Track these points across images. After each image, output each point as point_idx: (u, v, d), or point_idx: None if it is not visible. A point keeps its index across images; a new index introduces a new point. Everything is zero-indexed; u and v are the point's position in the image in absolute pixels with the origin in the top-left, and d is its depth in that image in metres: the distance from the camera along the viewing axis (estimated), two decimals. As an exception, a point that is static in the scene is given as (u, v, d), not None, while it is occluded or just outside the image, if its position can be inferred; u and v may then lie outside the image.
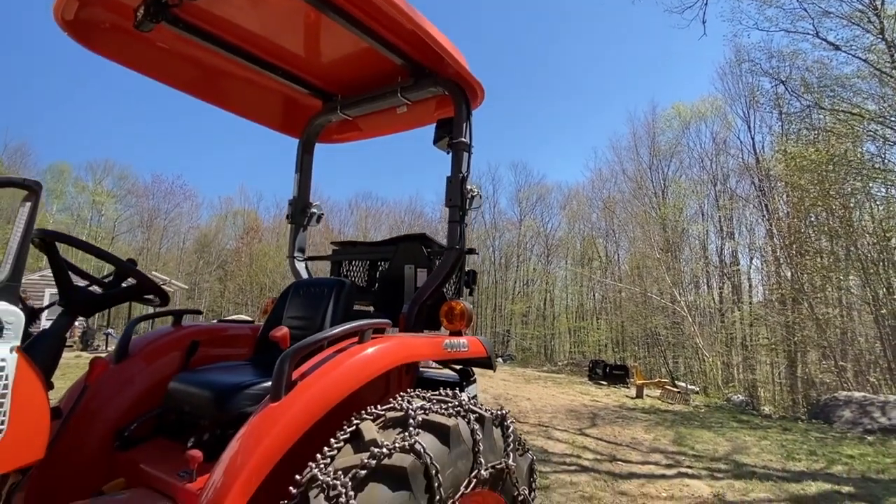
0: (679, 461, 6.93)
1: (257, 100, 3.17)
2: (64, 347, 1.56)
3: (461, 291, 2.85)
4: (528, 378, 20.40)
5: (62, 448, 1.94)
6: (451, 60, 2.48)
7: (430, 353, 2.20)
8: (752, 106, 25.97)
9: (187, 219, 47.40)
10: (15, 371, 1.02)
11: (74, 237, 1.72)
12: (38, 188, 1.03)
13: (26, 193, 1.02)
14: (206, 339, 2.55)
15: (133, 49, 2.51)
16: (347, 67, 2.91)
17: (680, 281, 28.11)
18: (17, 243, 0.98)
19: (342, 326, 1.88)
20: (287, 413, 1.60)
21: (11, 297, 1.00)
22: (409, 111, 3.02)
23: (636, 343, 35.00)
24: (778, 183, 21.72)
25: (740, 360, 24.77)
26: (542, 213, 46.63)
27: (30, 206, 1.00)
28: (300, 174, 3.29)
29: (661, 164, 33.99)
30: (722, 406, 15.26)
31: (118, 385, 2.20)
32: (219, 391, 1.93)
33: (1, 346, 0.98)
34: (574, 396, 14.42)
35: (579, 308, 43.43)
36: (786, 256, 19.52)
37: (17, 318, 1.00)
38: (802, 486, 5.94)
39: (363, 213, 47.87)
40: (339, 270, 3.23)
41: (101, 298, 1.70)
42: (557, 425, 9.31)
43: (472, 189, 2.53)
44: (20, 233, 0.98)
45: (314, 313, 2.43)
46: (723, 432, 9.44)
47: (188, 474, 1.72)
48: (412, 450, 1.58)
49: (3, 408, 0.99)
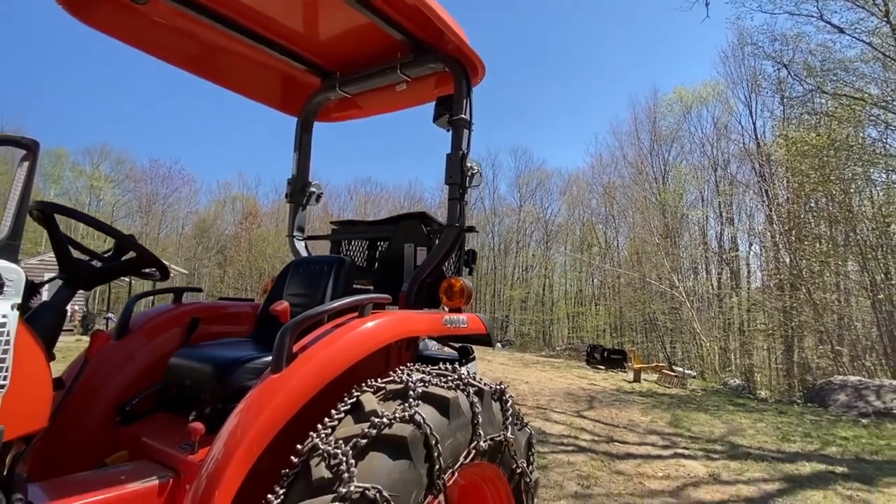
0: (675, 442, 7.01)
1: (255, 77, 3.14)
2: (65, 320, 1.56)
3: (461, 270, 2.84)
4: (527, 362, 20.55)
5: (65, 421, 1.95)
6: (451, 35, 2.45)
7: (430, 328, 2.21)
8: (753, 90, 25.86)
9: (186, 204, 47.36)
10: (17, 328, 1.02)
11: (74, 209, 1.72)
12: (36, 147, 1.03)
13: (24, 153, 1.01)
14: (206, 316, 2.56)
15: (129, 23, 2.47)
16: (346, 44, 2.87)
17: (679, 266, 28.18)
18: (17, 202, 0.98)
19: (343, 300, 1.89)
20: (287, 384, 1.61)
21: (12, 255, 1.00)
22: (409, 88, 2.99)
23: (634, 328, 35.21)
24: (778, 168, 21.65)
25: (737, 346, 24.96)
26: (541, 198, 46.60)
27: (28, 165, 1.00)
28: (299, 153, 3.27)
29: (661, 149, 33.90)
30: (718, 390, 15.40)
31: (119, 361, 2.21)
32: (220, 365, 1.94)
33: (2, 302, 0.98)
34: (572, 380, 14.54)
35: (578, 294, 43.59)
36: (785, 242, 19.55)
37: (17, 275, 1.00)
38: (797, 466, 6.02)
39: (362, 199, 47.82)
40: (338, 250, 3.23)
41: (101, 272, 1.70)
42: (555, 408, 9.39)
43: (472, 166, 2.52)
44: (19, 192, 0.98)
45: (314, 290, 2.43)
46: (719, 415, 9.54)
47: (190, 446, 1.74)
48: (412, 420, 1.59)
49: (5, 363, 1.00)
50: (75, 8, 2.26)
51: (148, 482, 1.63)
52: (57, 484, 1.62)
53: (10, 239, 0.99)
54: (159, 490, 1.65)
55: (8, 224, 0.99)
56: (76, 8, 2.26)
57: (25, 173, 1.01)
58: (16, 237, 1.00)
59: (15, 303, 0.99)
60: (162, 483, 1.65)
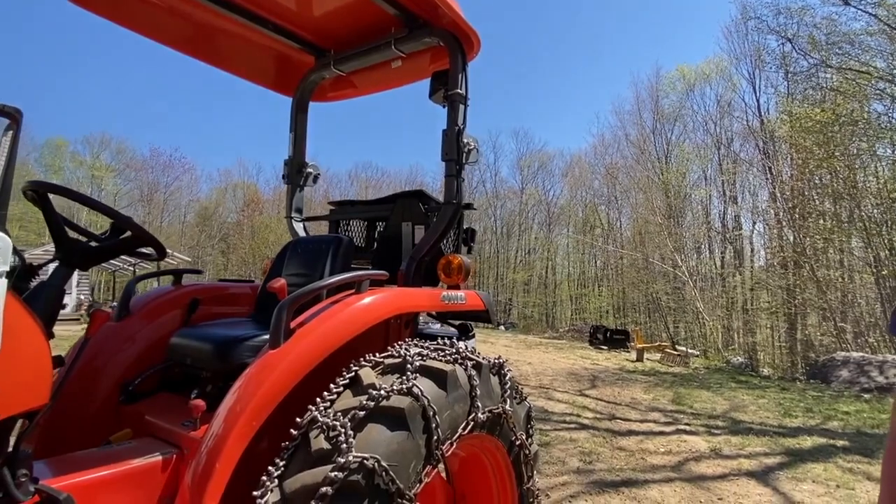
0: (677, 419, 7.07)
1: (249, 57, 3.10)
2: (63, 298, 1.57)
3: (460, 248, 2.84)
4: (530, 344, 20.68)
5: (69, 400, 1.98)
6: (445, 9, 2.41)
7: (428, 304, 2.22)
8: (757, 66, 25.49)
9: (187, 192, 47.37)
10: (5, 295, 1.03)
11: (68, 188, 1.71)
12: (19, 115, 1.02)
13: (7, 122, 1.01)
14: (206, 297, 2.57)
15: (122, 4, 2.45)
16: (340, 20, 2.83)
17: (682, 246, 28.11)
18: (2, 173, 0.98)
19: (339, 276, 1.90)
20: (285, 359, 1.63)
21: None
22: (405, 65, 2.96)
23: (637, 309, 35.28)
24: (782, 145, 21.45)
25: (741, 324, 25.00)
26: (543, 180, 46.37)
27: (11, 135, 1.00)
28: (295, 133, 3.25)
29: (664, 128, 33.59)
30: (721, 368, 15.48)
31: (121, 341, 2.23)
32: (220, 343, 1.96)
33: None
34: (575, 360, 14.63)
35: (581, 276, 43.60)
36: (788, 219, 19.44)
37: (4, 244, 1.01)
38: (798, 440, 6.07)
39: (363, 184, 47.67)
40: (337, 231, 3.23)
41: (98, 251, 1.70)
42: (558, 387, 9.47)
43: (469, 142, 2.50)
44: (3, 161, 0.98)
45: (312, 269, 2.43)
46: (721, 392, 9.61)
47: (192, 423, 1.76)
48: (410, 392, 1.61)
49: None
50: (65, -12, 2.23)
51: (151, 459, 1.66)
52: (62, 460, 1.64)
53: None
54: (163, 466, 1.67)
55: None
56: (67, -12, 2.23)
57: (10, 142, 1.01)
58: (2, 206, 1.01)
59: (3, 270, 1.00)
60: (165, 459, 1.68)
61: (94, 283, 32.79)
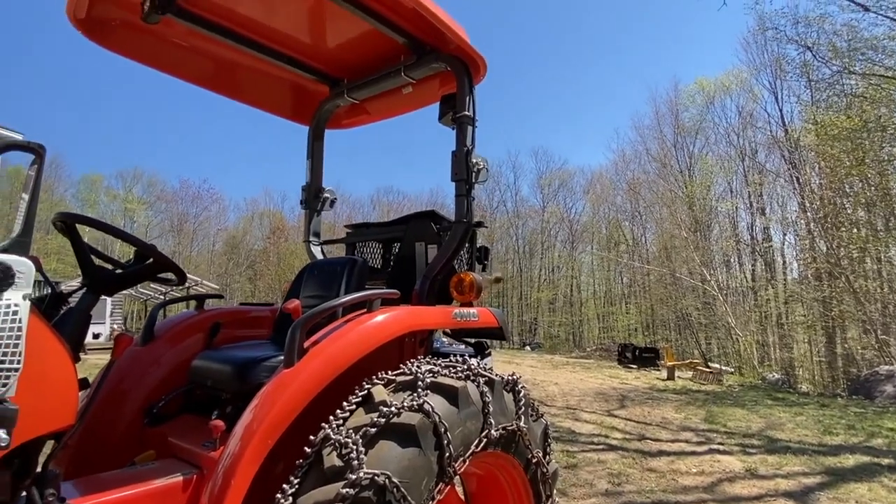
0: (710, 438, 6.84)
1: (266, 89, 3.24)
2: (89, 323, 1.65)
3: (473, 267, 2.86)
4: (556, 364, 20.34)
5: (95, 422, 2.05)
6: (451, 35, 2.49)
7: (439, 321, 2.24)
8: (778, 76, 25.17)
9: (215, 221, 48.74)
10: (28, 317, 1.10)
11: (93, 218, 1.81)
12: (43, 150, 1.11)
13: (33, 157, 1.10)
14: (227, 320, 2.64)
15: (144, 44, 2.59)
16: (352, 51, 2.94)
17: (710, 260, 27.49)
18: (27, 203, 1.06)
19: (351, 295, 1.94)
20: (298, 378, 1.66)
21: (23, 250, 1.09)
22: (415, 91, 3.04)
23: (667, 326, 34.47)
24: (809, 154, 20.96)
25: (776, 339, 24.15)
26: (564, 198, 46.23)
27: (36, 168, 1.08)
28: (312, 160, 3.35)
29: (685, 141, 33.21)
30: (756, 385, 14.94)
31: (146, 365, 2.30)
32: (238, 364, 2.01)
33: (13, 292, 1.07)
34: (603, 380, 14.32)
35: (607, 293, 42.96)
36: (820, 230, 18.87)
37: (27, 268, 1.08)
38: (839, 459, 5.80)
39: (385, 208, 48.21)
40: (353, 253, 3.29)
41: (122, 277, 1.79)
42: (585, 408, 9.27)
43: (478, 162, 2.54)
44: (29, 193, 1.07)
45: (328, 290, 2.49)
46: (756, 409, 9.26)
47: (212, 443, 1.81)
48: (420, 409, 1.62)
49: (18, 348, 1.08)
50: (94, 33, 2.38)
51: (173, 479, 1.70)
52: (88, 481, 1.70)
53: (21, 236, 1.08)
54: (183, 486, 1.72)
55: (20, 222, 1.08)
56: (95, 33, 2.38)
57: (35, 176, 1.09)
58: (26, 234, 1.09)
59: (25, 293, 1.08)
60: (186, 479, 1.72)
61: (127, 313, 33.74)
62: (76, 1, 2.18)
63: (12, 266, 1.03)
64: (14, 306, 1.05)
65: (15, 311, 1.05)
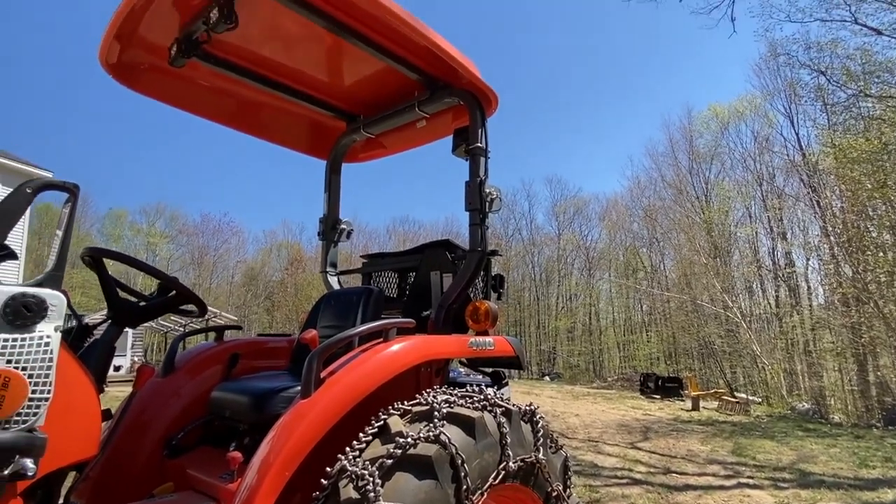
0: (739, 472, 6.58)
1: (286, 126, 3.36)
2: (113, 355, 1.69)
3: (489, 295, 2.87)
4: (577, 395, 19.90)
5: (115, 453, 2.07)
6: (463, 71, 2.57)
7: (455, 350, 2.24)
8: (793, 100, 25.06)
9: (235, 254, 49.55)
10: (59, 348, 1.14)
11: (119, 252, 1.88)
12: (77, 189, 1.17)
13: (67, 196, 1.16)
14: (246, 351, 2.68)
15: (170, 86, 2.72)
16: (368, 88, 3.04)
17: (731, 287, 26.91)
18: (61, 239, 1.12)
19: (366, 325, 1.96)
20: (315, 409, 1.67)
21: (56, 284, 1.14)
22: (429, 124, 3.13)
23: (690, 355, 33.61)
24: (829, 177, 20.67)
25: (804, 367, 23.34)
26: (580, 225, 46.05)
27: (70, 206, 1.15)
28: (329, 193, 3.44)
29: (701, 167, 33.02)
30: (786, 416, 14.39)
31: (166, 397, 2.33)
32: (256, 395, 2.03)
33: (46, 324, 1.11)
34: (625, 411, 13.95)
35: (627, 321, 42.19)
36: (844, 254, 18.43)
37: (59, 301, 1.13)
38: (878, 493, 5.52)
39: (401, 238, 48.47)
40: (370, 282, 3.33)
41: (145, 310, 1.84)
42: (608, 440, 9.02)
43: (491, 192, 2.58)
44: (63, 229, 1.12)
45: (344, 320, 2.51)
46: (787, 441, 8.91)
47: (229, 475, 1.81)
48: (437, 440, 1.61)
49: (49, 378, 1.12)
50: (124, 76, 2.52)
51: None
52: None
53: (54, 270, 1.13)
54: (201, 518, 1.72)
55: (54, 257, 1.14)
56: (124, 76, 2.52)
57: (69, 213, 1.15)
58: (59, 269, 1.14)
59: (57, 325, 1.12)
60: None
61: (147, 345, 34.12)
62: (108, 48, 2.31)
63: (46, 299, 1.08)
64: (46, 338, 1.10)
65: (47, 343, 1.10)
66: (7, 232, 1.08)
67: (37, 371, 1.09)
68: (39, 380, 1.10)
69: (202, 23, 2.11)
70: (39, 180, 1.14)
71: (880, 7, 13.47)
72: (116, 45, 2.31)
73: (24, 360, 1.07)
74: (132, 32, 2.29)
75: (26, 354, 1.07)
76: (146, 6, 2.12)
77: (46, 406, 1.12)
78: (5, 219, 1.09)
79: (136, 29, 2.27)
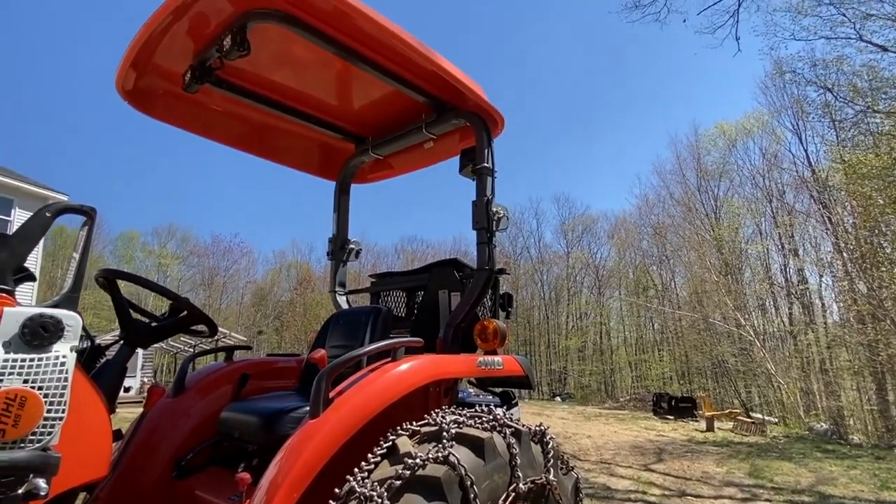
0: (756, 494, 6.42)
1: (296, 149, 3.42)
2: (125, 375, 1.71)
3: (497, 314, 2.87)
4: (589, 416, 19.60)
5: (126, 474, 2.07)
6: (469, 93, 2.62)
7: (464, 370, 2.23)
8: (800, 117, 25.03)
9: (244, 274, 49.82)
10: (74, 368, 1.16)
11: (132, 273, 1.91)
12: (94, 213, 1.21)
13: (84, 219, 1.19)
14: (255, 372, 2.69)
15: (183, 111, 2.80)
16: (376, 110, 3.10)
17: (744, 304, 26.56)
18: (78, 261, 1.15)
19: (375, 344, 1.96)
20: (323, 429, 1.67)
21: (72, 305, 1.17)
22: (436, 145, 3.17)
23: (703, 374, 33.06)
24: (839, 193, 20.51)
25: (821, 386, 22.84)
26: (589, 243, 45.88)
27: (87, 229, 1.18)
28: (338, 214, 3.48)
29: (709, 185, 32.91)
30: (803, 436, 14.05)
31: (175, 417, 2.34)
32: (264, 416, 2.03)
33: (62, 344, 1.13)
34: (638, 432, 13.71)
35: (638, 340, 41.70)
36: (858, 270, 18.17)
37: (76, 322, 1.16)
38: (901, 517, 5.35)
39: (409, 257, 48.55)
40: (378, 302, 3.34)
41: (156, 330, 1.86)
42: (621, 462, 8.86)
43: (498, 210, 2.60)
44: (80, 252, 1.15)
45: (353, 339, 2.52)
46: (805, 463, 8.69)
47: (238, 497, 1.80)
48: (446, 461, 1.60)
49: (63, 397, 1.13)
50: (139, 103, 2.59)
51: None
52: None
53: (71, 291, 1.16)
54: (209, 541, 1.71)
55: (70, 279, 1.17)
56: (140, 103, 2.59)
57: (86, 236, 1.18)
58: (76, 290, 1.17)
59: (73, 345, 1.14)
60: None
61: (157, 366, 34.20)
62: (125, 75, 2.38)
63: (63, 319, 1.11)
64: (63, 358, 1.12)
65: (63, 363, 1.12)
66: (27, 254, 1.11)
67: (52, 391, 1.11)
68: (55, 399, 1.12)
69: (215, 50, 2.18)
70: (59, 204, 1.18)
71: (885, 24, 13.51)
72: (132, 73, 2.39)
73: (40, 380, 1.09)
74: (148, 60, 2.36)
75: (42, 374, 1.09)
76: (162, 35, 2.20)
77: (60, 425, 1.14)
78: (26, 241, 1.13)
79: (151, 57, 2.34)
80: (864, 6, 13.57)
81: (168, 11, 2.03)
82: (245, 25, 2.07)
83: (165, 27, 2.15)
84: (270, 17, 2.07)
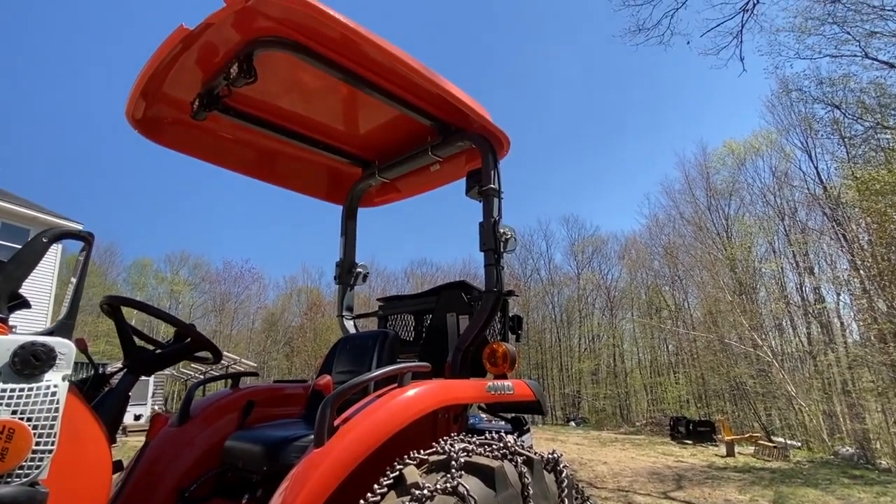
0: (782, 523, 6.16)
1: (303, 174, 3.44)
2: (127, 404, 1.68)
3: (507, 337, 2.82)
4: (604, 441, 19.15)
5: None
6: (474, 116, 2.62)
7: (473, 395, 2.17)
8: (809, 135, 24.94)
9: (255, 300, 50.01)
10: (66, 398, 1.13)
11: (136, 300, 1.90)
12: (91, 238, 1.19)
13: (82, 245, 1.18)
14: (261, 399, 2.64)
15: (192, 138, 2.83)
16: (382, 134, 3.12)
17: (760, 324, 26.06)
18: (74, 287, 1.13)
19: (380, 370, 1.92)
20: (328, 458, 1.62)
21: (67, 332, 1.14)
22: (442, 168, 3.18)
23: (721, 396, 32.26)
24: (853, 210, 20.26)
25: (844, 408, 22.16)
26: (599, 264, 45.53)
27: (85, 254, 1.16)
28: (345, 238, 3.48)
29: (720, 203, 32.67)
30: (828, 461, 13.56)
31: (179, 447, 2.30)
32: (268, 445, 1.98)
33: (54, 373, 1.10)
34: (656, 458, 13.33)
35: (653, 362, 40.94)
36: (876, 288, 17.80)
37: (69, 350, 1.13)
38: (938, 548, 5.09)
39: (419, 280, 48.50)
40: (386, 326, 3.30)
41: (160, 357, 1.84)
42: (639, 489, 8.58)
43: (506, 232, 2.57)
44: (77, 277, 1.14)
45: (359, 364, 2.48)
46: (832, 490, 8.35)
47: None
48: (455, 492, 1.54)
49: (53, 430, 1.10)
50: (149, 131, 2.63)
51: None
52: None
53: (66, 318, 1.14)
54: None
55: (66, 306, 1.14)
56: (150, 131, 2.63)
57: (83, 262, 1.17)
58: (71, 317, 1.15)
59: (65, 374, 1.11)
60: None
61: (168, 393, 34.14)
62: (134, 104, 2.42)
63: (55, 347, 1.08)
64: (53, 387, 1.09)
65: (53, 393, 1.09)
66: (23, 280, 1.10)
67: (42, 422, 1.08)
68: (44, 431, 1.08)
69: (223, 78, 2.21)
70: (56, 230, 1.17)
71: (890, 41, 13.52)
72: (142, 102, 2.43)
73: (29, 411, 1.06)
74: (157, 89, 2.40)
75: (32, 405, 1.06)
76: (170, 65, 2.23)
77: (50, 458, 1.10)
78: (21, 268, 1.11)
79: (160, 86, 2.38)
80: (867, 24, 13.62)
81: (177, 41, 2.07)
82: (252, 53, 2.10)
83: (174, 57, 2.18)
84: (276, 44, 2.10)
